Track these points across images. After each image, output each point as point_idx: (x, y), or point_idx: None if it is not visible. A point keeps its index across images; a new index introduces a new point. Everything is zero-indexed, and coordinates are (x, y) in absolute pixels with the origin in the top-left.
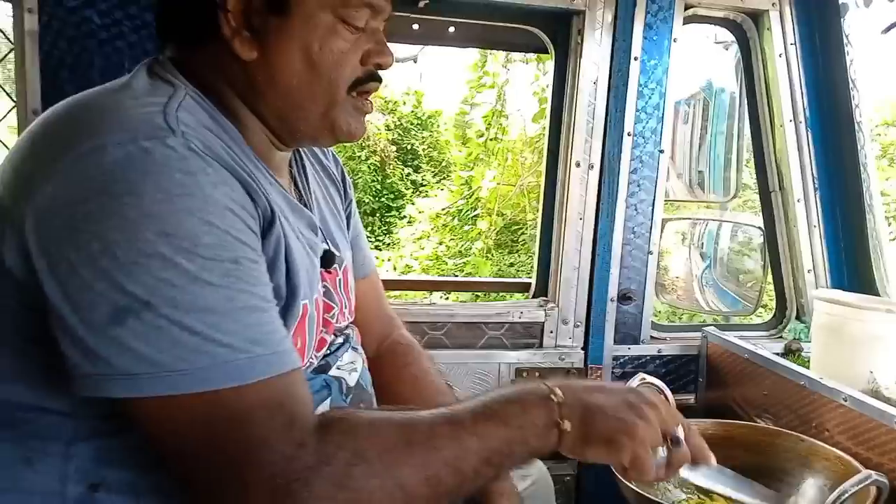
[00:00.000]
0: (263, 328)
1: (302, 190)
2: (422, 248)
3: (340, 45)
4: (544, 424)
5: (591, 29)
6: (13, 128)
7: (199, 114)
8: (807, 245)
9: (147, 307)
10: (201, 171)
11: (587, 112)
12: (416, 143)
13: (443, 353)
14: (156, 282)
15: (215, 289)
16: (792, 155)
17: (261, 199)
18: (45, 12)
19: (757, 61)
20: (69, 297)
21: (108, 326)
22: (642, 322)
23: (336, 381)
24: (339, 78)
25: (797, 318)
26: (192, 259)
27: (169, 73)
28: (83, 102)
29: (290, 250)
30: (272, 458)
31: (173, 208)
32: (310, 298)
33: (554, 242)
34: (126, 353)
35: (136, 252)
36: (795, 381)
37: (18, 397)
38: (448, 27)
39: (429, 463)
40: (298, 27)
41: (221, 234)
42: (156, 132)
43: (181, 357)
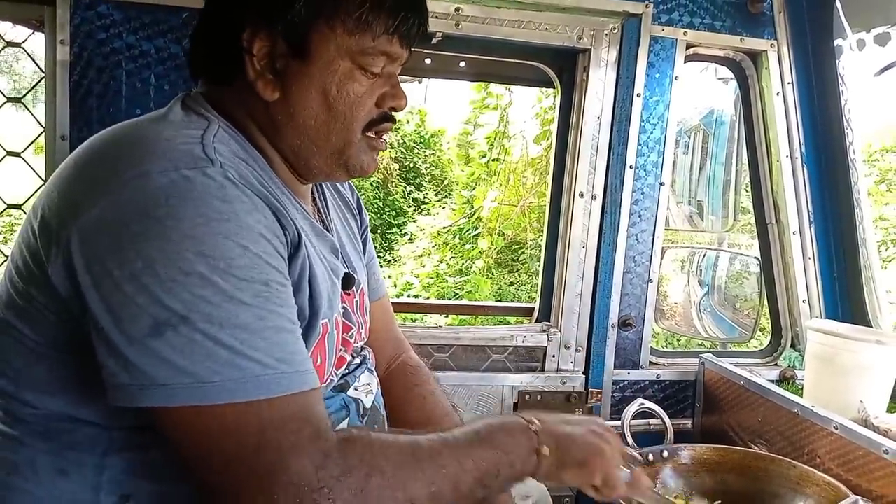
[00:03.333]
0: (289, 348)
1: (323, 216)
2: (422, 266)
3: (357, 90)
4: (527, 450)
5: (595, 66)
6: (40, 147)
7: (232, 145)
8: (801, 276)
9: (184, 321)
10: (237, 199)
11: (591, 145)
12: (418, 162)
13: (448, 375)
14: (193, 298)
15: (248, 308)
16: (788, 189)
17: (290, 225)
18: (76, 44)
19: (755, 98)
20: (111, 310)
21: (147, 339)
22: (642, 348)
23: (354, 402)
24: (355, 120)
25: (792, 346)
26: (228, 279)
27: (202, 107)
28: (127, 132)
29: (314, 273)
30: (301, 466)
31: (211, 231)
32: (330, 318)
33: (557, 269)
34: (163, 365)
35: (176, 270)
36: (789, 409)
37: (55, 408)
38: (459, 62)
39: (434, 479)
40: (318, 72)
41: (254, 257)
42: (196, 162)
43: (214, 370)
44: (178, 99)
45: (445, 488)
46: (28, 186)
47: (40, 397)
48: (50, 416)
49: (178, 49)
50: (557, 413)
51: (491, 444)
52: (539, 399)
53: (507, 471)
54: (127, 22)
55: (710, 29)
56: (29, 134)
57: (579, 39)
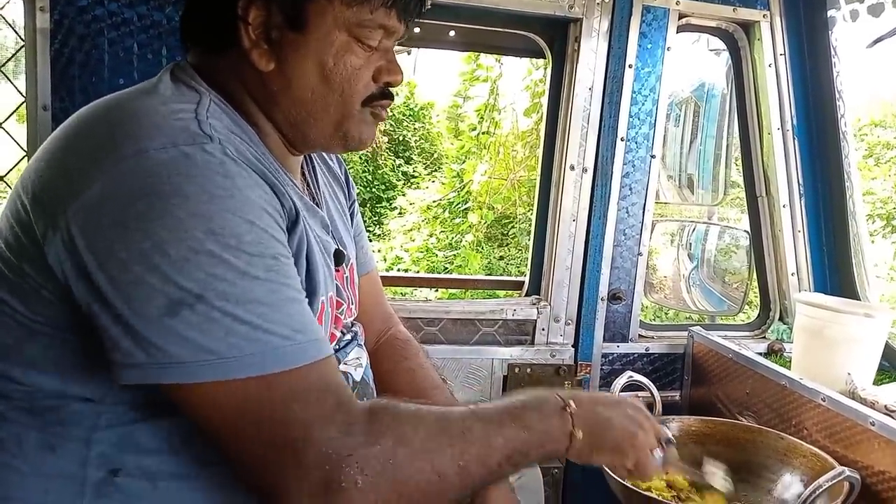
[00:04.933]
0: (304, 318)
1: (313, 190)
2: (412, 240)
3: (353, 62)
4: (560, 432)
5: (587, 36)
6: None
7: (224, 119)
8: (791, 249)
9: (200, 300)
10: (238, 174)
11: (582, 117)
12: (408, 135)
13: (437, 349)
14: (206, 276)
15: (261, 282)
16: (779, 162)
17: (287, 200)
18: (56, 10)
19: (747, 70)
20: (121, 291)
21: (163, 318)
22: (631, 321)
23: (344, 376)
24: (353, 93)
25: (780, 319)
26: (238, 255)
27: (192, 79)
28: (118, 105)
29: (311, 249)
30: (327, 434)
31: (217, 208)
32: (325, 296)
33: (547, 243)
34: (183, 342)
35: (187, 249)
36: (777, 381)
37: (44, 385)
38: (448, 31)
39: (462, 454)
40: (314, 43)
41: (261, 232)
42: (194, 138)
43: (234, 345)
44: (166, 69)
45: (473, 464)
46: (10, 157)
47: (29, 373)
48: (36, 393)
49: (162, 17)
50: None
51: (523, 422)
52: (529, 372)
53: (537, 451)
54: None
55: None
56: (10, 104)
57: (571, 8)
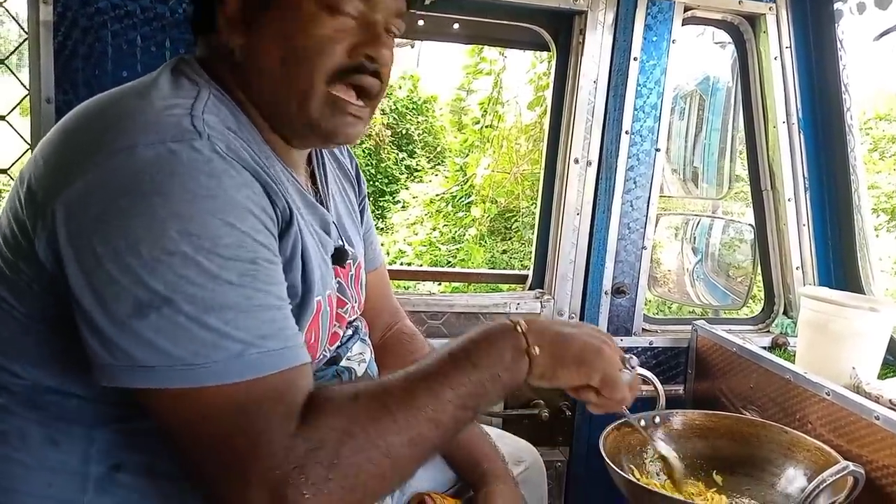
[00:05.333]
0: (276, 325)
1: (320, 187)
2: (415, 234)
3: (321, 32)
4: (513, 355)
5: (592, 29)
6: (26, 109)
7: (223, 114)
8: (796, 243)
9: (167, 303)
10: (225, 173)
11: (587, 110)
12: (411, 128)
13: (441, 342)
14: (177, 279)
15: (233, 287)
16: (784, 155)
17: (280, 200)
18: (59, 3)
19: (753, 63)
20: (93, 288)
21: (130, 319)
22: (635, 315)
23: (346, 371)
24: (316, 66)
25: (784, 313)
26: (212, 258)
27: (194, 73)
28: (114, 101)
29: (306, 249)
30: (271, 450)
31: (197, 209)
32: (323, 295)
33: (551, 236)
34: (145, 346)
35: (160, 250)
36: (781, 375)
37: (43, 380)
38: (452, 24)
39: (410, 424)
40: (282, 16)
41: (241, 235)
42: (184, 135)
43: (197, 352)
44: (169, 64)
45: (425, 428)
46: (14, 150)
47: (28, 368)
48: (38, 388)
49: (165, 9)
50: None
51: (470, 361)
52: None
53: (492, 385)
54: None
55: None
56: (14, 97)
57: (576, 1)
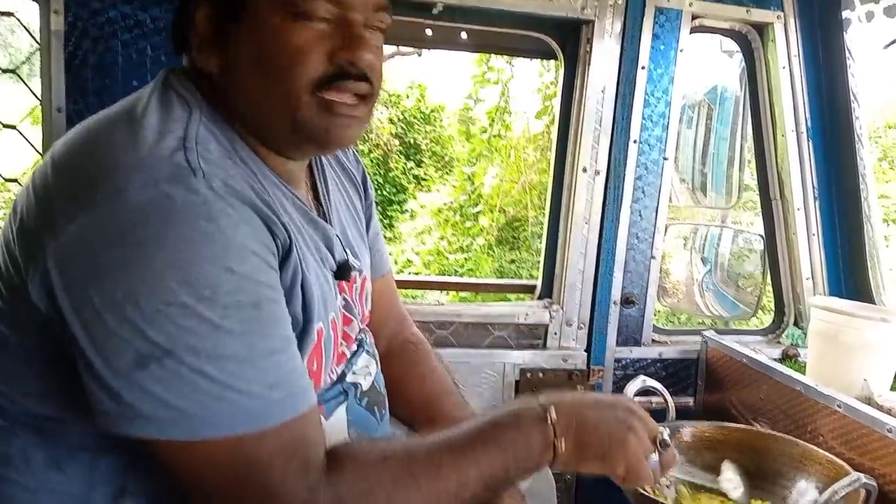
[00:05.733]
0: (281, 370)
1: (322, 198)
2: (423, 243)
3: (294, 41)
4: (541, 446)
5: (599, 38)
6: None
7: (217, 136)
8: (805, 253)
9: (169, 355)
10: (222, 213)
11: (594, 119)
12: (418, 138)
13: (449, 352)
14: (178, 330)
15: (235, 336)
16: (793, 164)
17: (279, 231)
18: (70, 13)
19: (761, 71)
20: (93, 339)
21: (132, 371)
22: (644, 325)
23: (352, 386)
24: (294, 76)
25: (795, 324)
26: (213, 307)
27: (185, 90)
28: (104, 131)
29: (306, 277)
30: (288, 503)
31: (195, 256)
32: (325, 320)
33: (559, 246)
34: (148, 398)
35: (159, 300)
36: (791, 387)
37: (46, 411)
38: (460, 33)
39: (432, 495)
40: (252, 30)
41: (242, 279)
42: (177, 174)
43: (201, 403)
44: (159, 78)
45: (446, 501)
46: (25, 159)
47: (27, 398)
48: (40, 416)
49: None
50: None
51: (498, 443)
52: (541, 376)
53: (516, 470)
54: None
55: (715, 0)
56: (25, 106)
57: (583, 10)
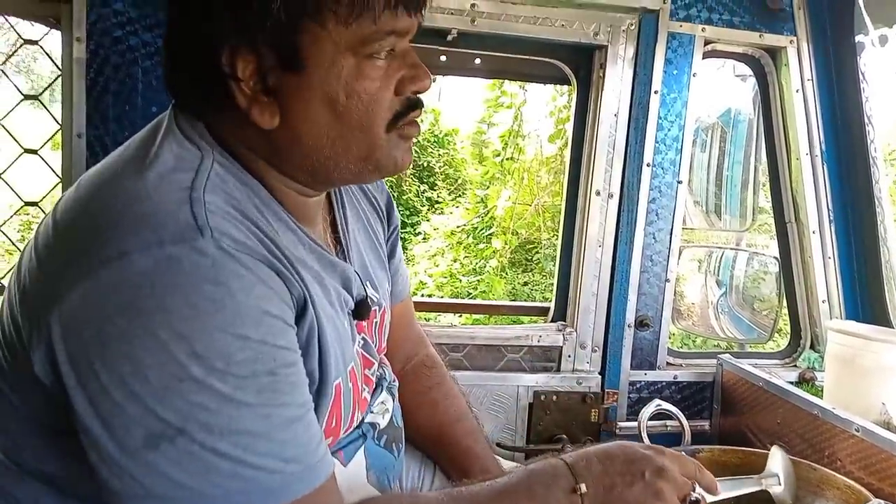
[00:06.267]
0: (298, 440)
1: (341, 231)
2: (436, 265)
3: (368, 87)
4: None
5: (612, 63)
6: (57, 143)
7: (228, 184)
8: (821, 276)
9: (181, 433)
10: (233, 274)
11: (608, 142)
12: (432, 161)
13: (463, 375)
14: (189, 406)
15: (250, 408)
16: (808, 187)
17: (295, 285)
18: (92, 41)
19: (774, 95)
20: (100, 416)
21: (141, 450)
22: (659, 348)
23: (370, 427)
24: (375, 121)
25: (811, 347)
26: (226, 379)
27: (196, 132)
28: (107, 187)
29: (323, 331)
30: None
31: (204, 326)
32: (343, 374)
33: (573, 268)
34: (159, 477)
35: (168, 376)
36: (808, 411)
37: (56, 471)
38: (474, 59)
39: None
40: (318, 80)
41: (256, 345)
42: (183, 234)
43: (215, 482)
44: (170, 118)
45: None
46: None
47: (36, 460)
48: (49, 473)
49: None
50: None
51: None
52: (555, 399)
53: None
54: (143, 19)
55: (728, 25)
56: (46, 132)
57: (596, 36)
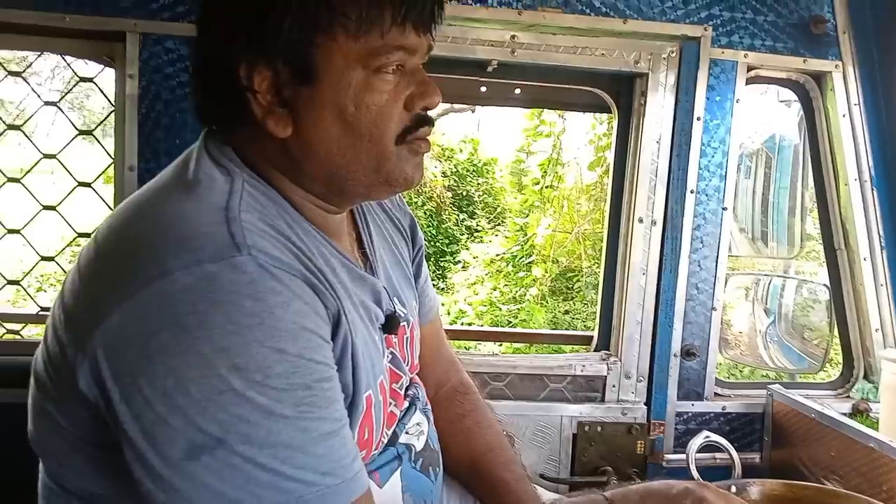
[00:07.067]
0: (335, 455)
1: (367, 248)
2: (476, 294)
3: (377, 99)
4: None
5: (653, 90)
6: (109, 177)
7: (260, 203)
8: (874, 303)
9: (221, 444)
10: (271, 291)
11: (650, 170)
12: (471, 190)
13: (504, 404)
14: (230, 418)
15: (288, 421)
16: (857, 213)
17: (329, 299)
18: (144, 77)
19: (820, 121)
20: (144, 429)
21: (183, 462)
22: (706, 378)
23: (406, 449)
24: (384, 133)
25: (865, 377)
26: (265, 392)
27: (225, 157)
28: (148, 210)
29: (356, 344)
30: None
31: (244, 340)
32: (374, 387)
33: (616, 296)
34: (201, 488)
35: (210, 388)
36: (864, 443)
37: (97, 490)
38: (514, 89)
39: None
40: (330, 92)
41: (294, 359)
42: (221, 252)
43: (255, 493)
44: (201, 146)
45: None
46: (97, 216)
47: (80, 479)
48: (90, 494)
49: None
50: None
51: None
52: (599, 430)
53: None
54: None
55: (771, 51)
56: (99, 165)
57: (636, 64)
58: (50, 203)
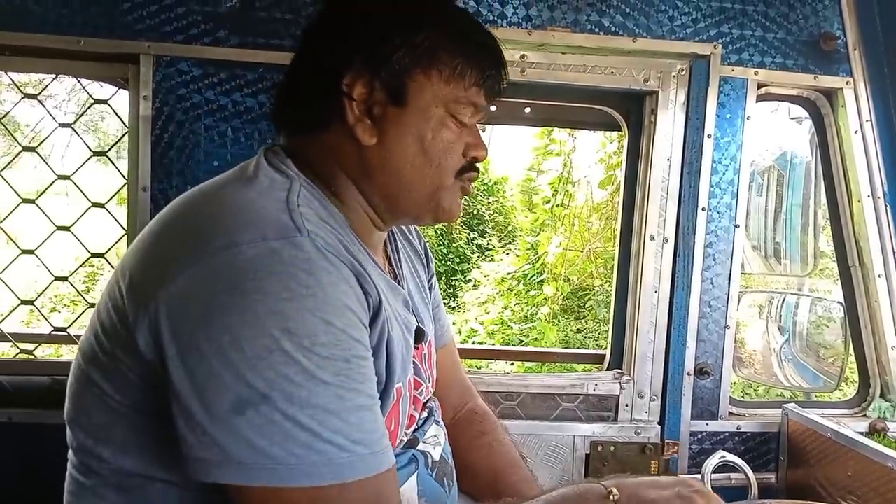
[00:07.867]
0: (366, 427)
1: (395, 267)
2: (487, 312)
3: (449, 136)
4: None
5: (664, 108)
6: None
7: (314, 204)
8: (889, 321)
9: (265, 400)
10: (323, 270)
11: (661, 187)
12: (482, 208)
13: (516, 424)
14: (276, 376)
15: (328, 387)
16: (871, 230)
17: (372, 291)
18: (158, 99)
19: (832, 137)
20: (196, 383)
21: (229, 415)
22: (720, 397)
23: (423, 455)
24: (448, 165)
25: (881, 396)
26: (310, 357)
27: (282, 163)
28: (214, 196)
29: (391, 337)
30: None
31: (297, 307)
32: (403, 381)
33: (628, 315)
34: (242, 443)
35: (262, 347)
36: (882, 463)
37: (129, 466)
38: (524, 108)
39: None
40: (414, 118)
41: (338, 332)
42: (284, 232)
43: (291, 451)
44: (260, 154)
45: None
46: (110, 237)
47: (115, 454)
48: (122, 472)
49: (254, 103)
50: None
51: None
52: (612, 450)
53: None
54: (206, 78)
55: (781, 68)
56: (112, 186)
57: (646, 82)
58: (64, 224)
